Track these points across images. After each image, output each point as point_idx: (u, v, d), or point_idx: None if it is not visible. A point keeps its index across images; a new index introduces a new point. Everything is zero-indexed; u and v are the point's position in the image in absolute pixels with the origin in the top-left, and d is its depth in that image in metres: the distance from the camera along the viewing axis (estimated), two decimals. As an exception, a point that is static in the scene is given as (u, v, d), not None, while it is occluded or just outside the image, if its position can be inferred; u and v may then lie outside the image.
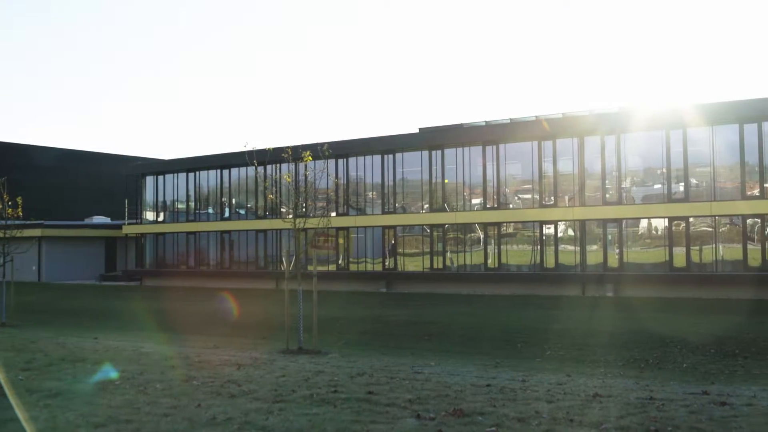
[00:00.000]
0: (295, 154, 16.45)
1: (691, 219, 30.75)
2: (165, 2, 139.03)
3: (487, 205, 35.62)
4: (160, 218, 48.87)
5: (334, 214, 39.05)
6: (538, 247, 34.20)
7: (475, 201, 36.32)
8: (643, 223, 32.35)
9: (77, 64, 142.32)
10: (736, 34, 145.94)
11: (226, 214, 45.39)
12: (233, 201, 45.40)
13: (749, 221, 29.81)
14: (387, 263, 38.40)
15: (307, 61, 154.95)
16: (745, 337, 17.84)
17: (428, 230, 37.25)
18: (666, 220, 31.37)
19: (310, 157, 15.80)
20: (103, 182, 60.97)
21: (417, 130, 39.33)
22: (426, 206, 37.51)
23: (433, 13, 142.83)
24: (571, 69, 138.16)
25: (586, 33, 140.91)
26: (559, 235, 33.83)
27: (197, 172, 46.25)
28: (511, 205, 35.49)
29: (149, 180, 49.11)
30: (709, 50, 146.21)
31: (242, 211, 45.11)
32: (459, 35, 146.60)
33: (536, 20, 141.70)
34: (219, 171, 45.13)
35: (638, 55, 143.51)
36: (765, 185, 29.66)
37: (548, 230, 34.04)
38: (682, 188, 31.17)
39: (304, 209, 16.31)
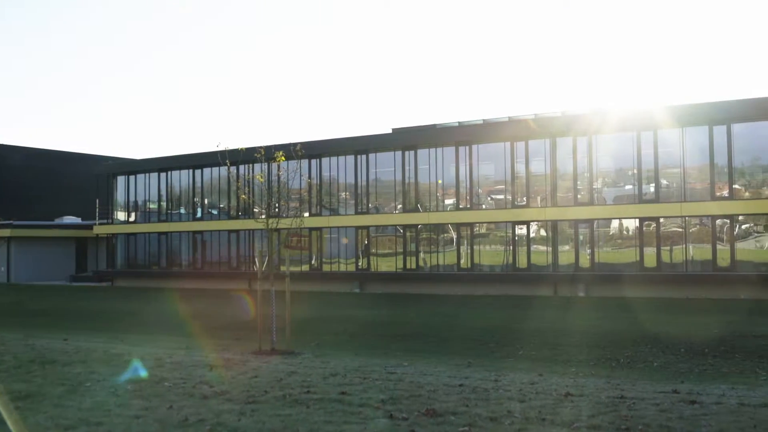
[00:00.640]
0: (267, 154, 16.39)
1: (661, 219, 31.04)
2: (139, 1, 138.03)
3: (460, 206, 35.72)
4: (132, 218, 48.51)
5: (307, 214, 38.97)
6: (511, 247, 34.35)
7: (448, 201, 36.42)
8: (615, 223, 32.62)
9: (48, 62, 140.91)
10: (705, 36, 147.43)
11: (199, 215, 45.15)
12: (206, 201, 45.18)
13: (718, 222, 30.15)
14: (360, 264, 38.40)
15: (279, 61, 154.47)
16: (715, 336, 18.03)
17: (401, 230, 37.29)
18: (637, 220, 31.64)
19: (283, 157, 15.75)
20: (73, 182, 60.30)
21: (390, 131, 39.37)
22: (399, 206, 37.55)
23: (406, 14, 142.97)
24: (544, 71, 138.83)
25: (558, 35, 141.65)
26: (532, 235, 34.02)
27: (169, 172, 45.95)
28: (483, 206, 35.63)
29: (120, 180, 48.71)
30: (679, 52, 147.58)
31: (215, 212, 44.90)
32: (432, 36, 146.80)
33: (508, 22, 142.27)
34: (191, 171, 44.87)
35: (610, 57, 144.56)
36: (734, 186, 30.02)
37: (521, 231, 34.21)
38: (652, 189, 31.46)
39: (276, 209, 16.26)
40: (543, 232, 33.85)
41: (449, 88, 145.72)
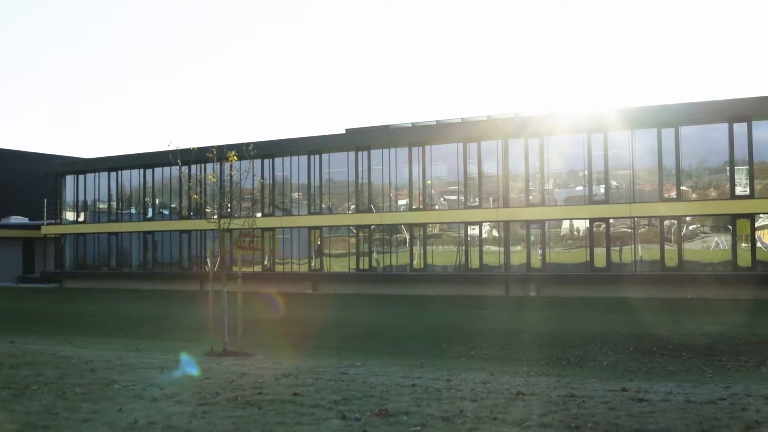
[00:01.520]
0: (220, 153, 16.28)
1: (611, 220, 31.47)
2: (91, 2, 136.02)
3: (413, 206, 35.82)
4: (81, 218, 47.75)
5: (259, 214, 38.73)
6: (463, 247, 34.54)
7: (401, 202, 36.48)
8: (565, 224, 32.98)
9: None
10: (654, 40, 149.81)
11: (149, 215, 44.62)
12: (156, 201, 44.67)
13: (666, 222, 30.65)
14: (313, 264, 38.28)
15: (232, 60, 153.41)
16: (663, 335, 18.33)
17: (354, 231, 37.26)
18: (587, 221, 32.03)
19: (236, 157, 15.66)
20: (20, 181, 59.06)
21: (343, 131, 39.32)
22: (352, 207, 37.51)
23: (359, 14, 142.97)
24: (496, 73, 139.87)
25: (510, 38, 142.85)
26: (484, 236, 34.24)
27: (119, 172, 45.33)
28: (436, 206, 35.76)
29: (69, 179, 47.91)
30: (629, 56, 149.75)
31: (166, 212, 44.41)
32: (385, 37, 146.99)
33: (460, 25, 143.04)
34: (142, 170, 44.33)
35: (561, 60, 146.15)
36: (681, 188, 30.56)
37: (473, 231, 34.41)
38: (602, 190, 31.88)
39: (229, 210, 16.15)
40: (495, 233, 34.10)
41: (403, 89, 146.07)
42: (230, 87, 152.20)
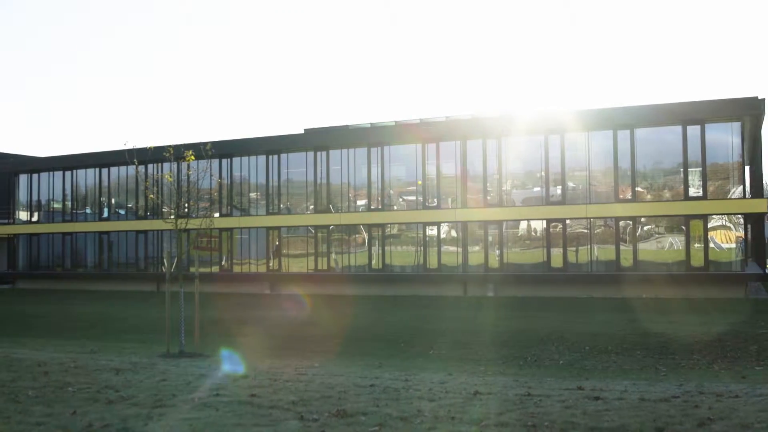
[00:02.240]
0: (177, 153, 16.13)
1: (567, 221, 31.77)
2: (48, 1, 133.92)
3: (372, 207, 35.81)
4: (35, 218, 46.93)
5: (217, 214, 38.45)
6: (422, 248, 34.62)
7: (360, 202, 36.46)
8: (523, 224, 33.21)
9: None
10: (610, 43, 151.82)
11: (105, 215, 44.04)
12: (112, 201, 44.07)
13: (622, 223, 31.04)
14: (271, 264, 38.10)
15: (189, 59, 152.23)
16: (618, 334, 18.57)
17: (313, 231, 37.16)
18: (544, 221, 32.30)
19: (193, 157, 15.54)
20: (-29, 180, 58.01)
21: (302, 131, 39.18)
22: (311, 207, 37.40)
23: (317, 14, 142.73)
24: (454, 74, 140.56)
25: (468, 39, 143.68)
26: (442, 236, 34.35)
27: (74, 171, 44.66)
28: (395, 207, 35.80)
29: (23, 178, 47.06)
30: (585, 59, 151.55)
31: (122, 212, 43.84)
32: (344, 37, 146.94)
33: (418, 25, 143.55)
34: (97, 170, 43.71)
35: (518, 62, 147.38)
36: (636, 189, 30.96)
37: (431, 231, 34.51)
38: (559, 191, 32.18)
39: (186, 209, 16.02)
40: (453, 233, 34.24)
41: (361, 90, 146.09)
42: (188, 86, 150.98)
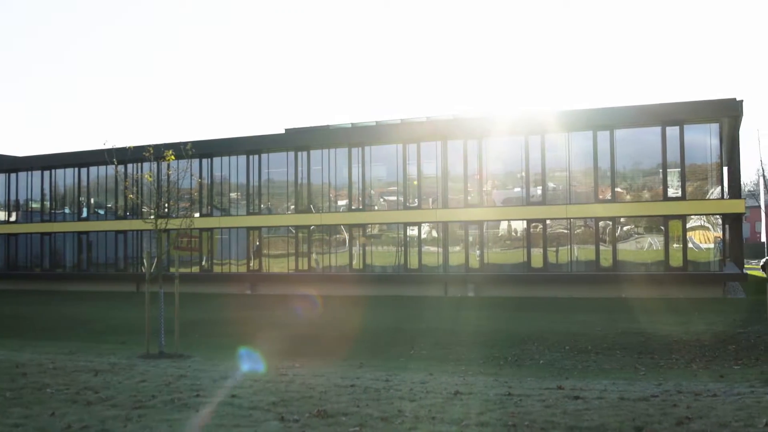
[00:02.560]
0: (157, 152, 16.06)
1: (548, 221, 31.90)
2: (32, 1, 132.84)
3: (353, 207, 35.79)
4: (13, 218, 46.54)
5: (197, 214, 38.29)
6: (402, 248, 34.64)
7: (341, 202, 36.43)
8: (503, 225, 33.31)
9: None
10: (590, 45, 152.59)
11: (84, 214, 43.74)
12: (92, 200, 43.78)
13: (601, 223, 31.20)
14: (252, 265, 38.00)
15: (170, 59, 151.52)
16: (598, 334, 18.65)
17: (294, 231, 37.09)
18: (524, 222, 32.41)
19: (173, 157, 15.47)
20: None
21: (283, 131, 39.10)
22: (292, 207, 37.33)
23: (299, 14, 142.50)
24: (435, 74, 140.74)
25: (449, 40, 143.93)
26: (423, 236, 34.39)
27: (53, 170, 44.32)
28: (376, 207, 35.80)
29: (0, 178, 46.66)
30: (565, 60, 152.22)
31: (101, 211, 43.55)
32: (325, 37, 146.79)
33: (399, 26, 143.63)
34: (77, 169, 43.41)
35: (499, 63, 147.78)
36: (616, 189, 31.15)
37: (412, 232, 34.54)
38: (540, 192, 32.31)
39: (166, 209, 15.95)
40: (434, 233, 34.29)
41: (342, 90, 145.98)
42: (169, 85, 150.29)
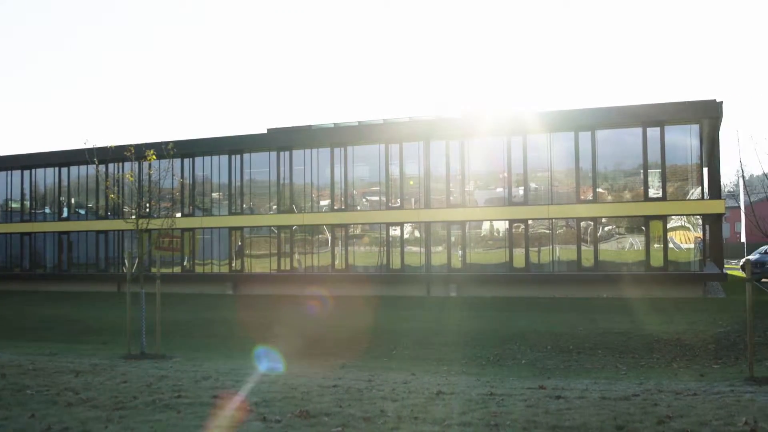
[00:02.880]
0: (138, 152, 16.00)
1: (530, 221, 31.99)
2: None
3: (335, 207, 35.76)
4: (-8, 218, 46.19)
5: (179, 214, 38.12)
6: (385, 248, 34.64)
7: (323, 203, 36.38)
8: (485, 225, 33.37)
9: None
10: (572, 46, 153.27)
11: (65, 214, 43.45)
12: (72, 200, 43.49)
13: (583, 224, 31.33)
14: (234, 265, 37.88)
15: (152, 59, 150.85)
16: (579, 334, 18.74)
17: (276, 231, 37.00)
18: (506, 222, 32.49)
19: (154, 156, 15.42)
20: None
21: (265, 131, 38.99)
22: (274, 207, 37.24)
23: (282, 13, 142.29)
24: (418, 75, 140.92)
25: (431, 40, 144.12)
26: (405, 236, 34.40)
27: (33, 170, 44.00)
28: (358, 207, 35.77)
29: (-21, 178, 46.29)
30: (548, 61, 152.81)
31: (82, 211, 43.26)
32: (307, 37, 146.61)
33: (380, 26, 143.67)
34: (57, 169, 43.12)
35: (482, 63, 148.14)
36: (597, 190, 31.29)
37: (394, 232, 34.55)
38: (522, 192, 32.40)
39: (147, 209, 15.89)
40: (416, 234, 34.31)
41: (325, 90, 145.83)
42: (151, 85, 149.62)
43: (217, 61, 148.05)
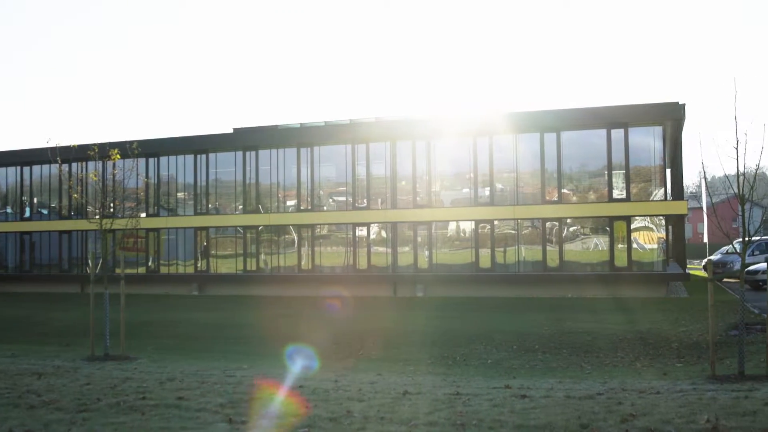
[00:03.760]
0: (102, 151, 15.83)
1: (496, 222, 32.14)
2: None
3: (301, 207, 35.66)
4: (-48, 218, 45.43)
5: (143, 214, 37.78)
6: (351, 248, 34.61)
7: (290, 203, 36.26)
8: (452, 225, 33.47)
9: None
10: (537, 48, 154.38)
11: (27, 214, 42.85)
12: (35, 200, 42.90)
13: (548, 224, 31.55)
14: (199, 265, 37.62)
15: (120, 58, 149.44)
16: (545, 333, 18.86)
17: (242, 231, 36.82)
18: (473, 222, 32.61)
19: (118, 156, 15.28)
20: None
21: (231, 131, 38.78)
22: (240, 207, 37.05)
23: (246, 13, 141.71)
24: (384, 75, 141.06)
25: (398, 40, 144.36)
26: (372, 237, 34.40)
27: (-6, 170, 43.36)
28: (325, 207, 35.70)
29: (-61, 177, 45.50)
30: (513, 62, 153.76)
31: (45, 211, 42.70)
32: (273, 37, 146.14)
33: (346, 26, 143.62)
34: (19, 168, 42.51)
35: (448, 64, 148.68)
36: (562, 191, 31.52)
37: (361, 232, 34.53)
38: (488, 193, 32.54)
39: (111, 209, 15.74)
40: (383, 234, 34.32)
41: (291, 90, 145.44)
42: (115, 84, 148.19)
43: (182, 60, 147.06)
